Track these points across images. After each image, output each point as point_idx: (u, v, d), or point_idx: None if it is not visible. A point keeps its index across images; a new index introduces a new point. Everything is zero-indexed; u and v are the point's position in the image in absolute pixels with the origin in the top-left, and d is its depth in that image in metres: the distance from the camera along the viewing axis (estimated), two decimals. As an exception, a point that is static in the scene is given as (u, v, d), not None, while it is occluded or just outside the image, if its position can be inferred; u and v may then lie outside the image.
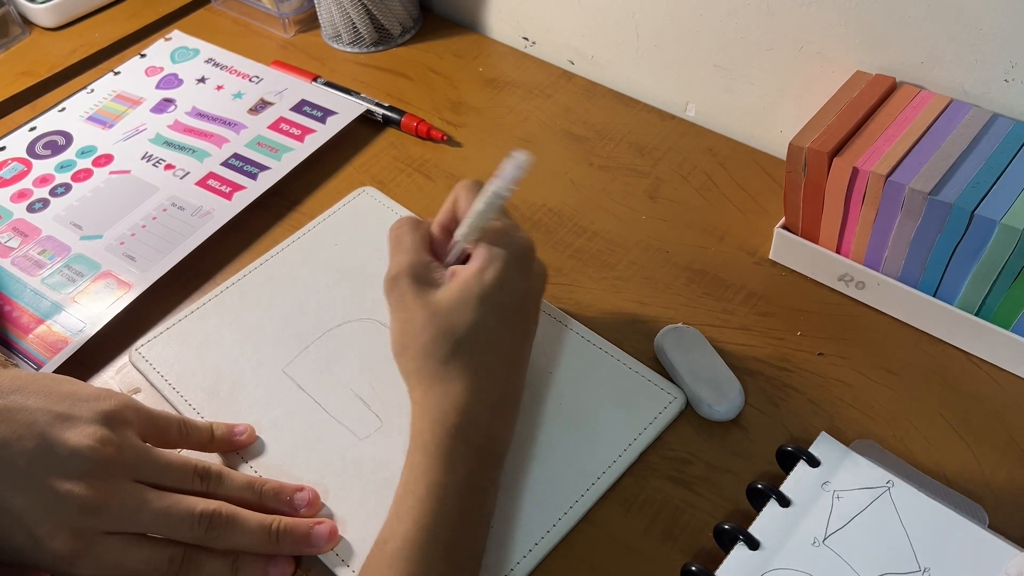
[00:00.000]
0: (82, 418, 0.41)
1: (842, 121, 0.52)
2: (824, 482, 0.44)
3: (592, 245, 0.60)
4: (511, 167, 0.43)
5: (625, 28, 0.69)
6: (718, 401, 0.48)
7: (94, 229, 0.61)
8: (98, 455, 0.40)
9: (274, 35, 0.81)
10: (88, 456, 0.39)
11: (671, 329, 0.52)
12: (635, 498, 0.46)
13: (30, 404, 0.40)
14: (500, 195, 0.44)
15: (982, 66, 0.52)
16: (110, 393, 0.43)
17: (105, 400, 0.43)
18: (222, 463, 0.48)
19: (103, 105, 0.72)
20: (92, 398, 0.42)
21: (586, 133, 0.69)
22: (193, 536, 0.41)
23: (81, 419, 0.41)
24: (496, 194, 0.44)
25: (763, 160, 0.65)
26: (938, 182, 0.48)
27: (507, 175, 0.43)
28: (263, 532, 0.42)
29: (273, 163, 0.65)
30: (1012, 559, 0.40)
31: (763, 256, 0.58)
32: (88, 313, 0.55)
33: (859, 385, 0.51)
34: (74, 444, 0.39)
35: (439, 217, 0.48)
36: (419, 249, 0.46)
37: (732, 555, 0.42)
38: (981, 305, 0.50)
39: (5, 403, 0.40)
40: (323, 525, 0.44)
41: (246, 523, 0.42)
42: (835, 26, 0.57)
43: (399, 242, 0.47)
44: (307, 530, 0.44)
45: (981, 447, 0.47)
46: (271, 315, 0.55)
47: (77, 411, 0.41)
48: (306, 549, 0.43)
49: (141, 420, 0.44)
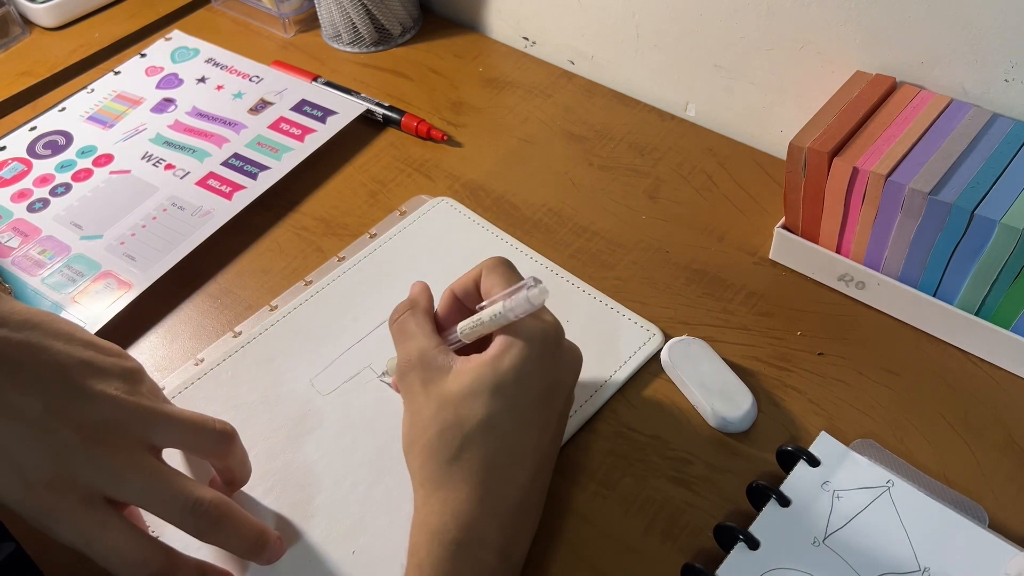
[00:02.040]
0: (108, 370, 0.39)
1: (842, 121, 0.52)
2: (824, 482, 0.44)
3: (592, 245, 0.60)
4: (523, 300, 0.40)
5: (625, 28, 0.69)
6: (732, 412, 0.48)
7: (94, 229, 0.61)
8: (121, 409, 0.38)
9: (274, 35, 0.81)
10: (110, 409, 0.38)
11: (677, 342, 0.52)
12: (635, 498, 0.46)
13: (53, 345, 0.38)
14: (507, 317, 0.41)
15: (982, 66, 0.52)
16: (127, 352, 0.42)
17: (127, 358, 0.41)
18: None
19: (103, 105, 0.73)
20: (115, 353, 0.41)
21: (586, 133, 0.69)
22: (181, 521, 0.39)
23: (107, 371, 0.39)
24: (503, 315, 0.41)
25: (763, 160, 0.65)
26: (938, 182, 0.48)
27: (516, 305, 0.40)
28: (252, 538, 0.41)
29: (273, 163, 0.65)
30: (1012, 559, 0.40)
31: (763, 256, 0.58)
32: (88, 313, 0.55)
33: (859, 385, 0.51)
34: (98, 393, 0.38)
35: (456, 285, 0.45)
36: (427, 333, 0.43)
37: (732, 555, 0.42)
38: (981, 305, 0.50)
39: (23, 339, 0.38)
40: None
41: (238, 525, 0.40)
42: (835, 26, 0.57)
43: (403, 331, 0.44)
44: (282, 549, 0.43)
45: (981, 447, 0.47)
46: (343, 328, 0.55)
47: (101, 362, 0.39)
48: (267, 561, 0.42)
49: (151, 386, 0.43)
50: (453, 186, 0.65)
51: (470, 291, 0.44)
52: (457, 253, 0.59)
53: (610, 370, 0.51)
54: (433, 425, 0.39)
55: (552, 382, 0.42)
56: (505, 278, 0.43)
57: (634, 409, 0.50)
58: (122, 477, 0.38)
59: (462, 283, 0.45)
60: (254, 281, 0.59)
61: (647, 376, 0.52)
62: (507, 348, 0.40)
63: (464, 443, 0.38)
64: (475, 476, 0.38)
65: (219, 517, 0.39)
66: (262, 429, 0.50)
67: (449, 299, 0.45)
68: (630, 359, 0.52)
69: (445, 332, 0.45)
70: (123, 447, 0.38)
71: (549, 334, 0.41)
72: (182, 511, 0.38)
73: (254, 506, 0.46)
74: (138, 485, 0.38)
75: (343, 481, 0.47)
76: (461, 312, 0.45)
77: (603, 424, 0.50)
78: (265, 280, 0.59)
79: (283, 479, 0.47)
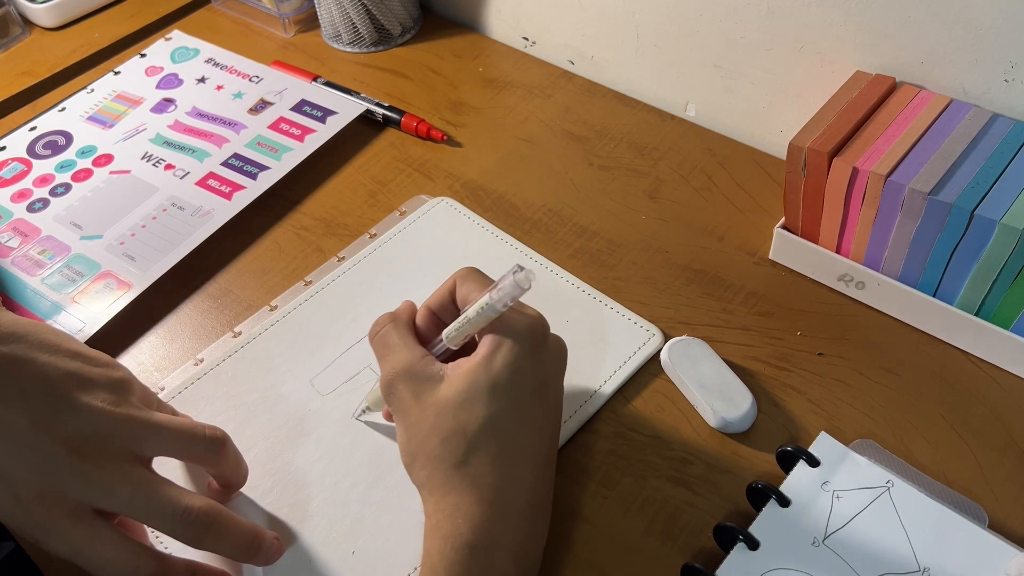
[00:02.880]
0: (95, 381, 0.39)
1: (842, 121, 0.52)
2: (824, 482, 0.44)
3: (592, 245, 0.60)
4: (510, 285, 0.39)
5: (625, 28, 0.69)
6: (731, 412, 0.48)
7: (94, 229, 0.61)
8: (108, 421, 0.38)
9: (274, 35, 0.81)
10: (97, 421, 0.38)
11: (677, 342, 0.52)
12: (635, 498, 0.46)
13: (39, 358, 0.38)
14: (495, 308, 0.40)
15: (982, 66, 0.52)
16: (116, 361, 0.42)
17: (116, 368, 0.41)
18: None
19: (103, 105, 0.73)
20: (103, 363, 0.41)
21: (586, 133, 0.69)
22: (171, 530, 0.39)
23: (94, 382, 0.39)
24: (491, 307, 0.40)
25: (763, 160, 0.65)
26: (938, 182, 0.48)
27: (506, 291, 0.39)
28: (246, 542, 0.40)
29: (273, 163, 0.65)
30: (1012, 559, 0.40)
31: (763, 256, 0.58)
32: (88, 313, 0.55)
33: (859, 385, 0.51)
34: (85, 405, 0.38)
35: (431, 300, 0.44)
36: (410, 345, 0.42)
37: (732, 555, 0.42)
38: (981, 305, 0.50)
39: (8, 351, 0.37)
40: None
41: (230, 530, 0.40)
42: (835, 26, 0.57)
43: (385, 344, 0.43)
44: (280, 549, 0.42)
45: (981, 447, 0.47)
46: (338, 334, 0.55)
47: (88, 373, 0.39)
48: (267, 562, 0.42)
49: (141, 391, 0.43)
50: (453, 186, 0.65)
51: (446, 303, 0.44)
52: (457, 253, 0.59)
53: (609, 370, 0.51)
54: (434, 435, 0.39)
55: (544, 376, 0.41)
56: (480, 283, 0.42)
57: (634, 409, 0.50)
58: (110, 489, 0.38)
59: (437, 297, 0.44)
60: (254, 281, 0.59)
61: (647, 376, 0.52)
62: (497, 347, 0.40)
63: (470, 448, 0.38)
64: (484, 479, 0.38)
65: (209, 524, 0.39)
66: (262, 429, 0.50)
67: (426, 314, 0.45)
68: (630, 359, 0.52)
69: (428, 344, 0.44)
70: (110, 459, 0.38)
71: (536, 327, 0.41)
72: (172, 520, 0.38)
73: (252, 507, 0.46)
74: (126, 497, 0.38)
75: (343, 481, 0.47)
76: (439, 327, 0.44)
77: (603, 424, 0.50)
78: (265, 280, 0.59)
79: (283, 479, 0.47)
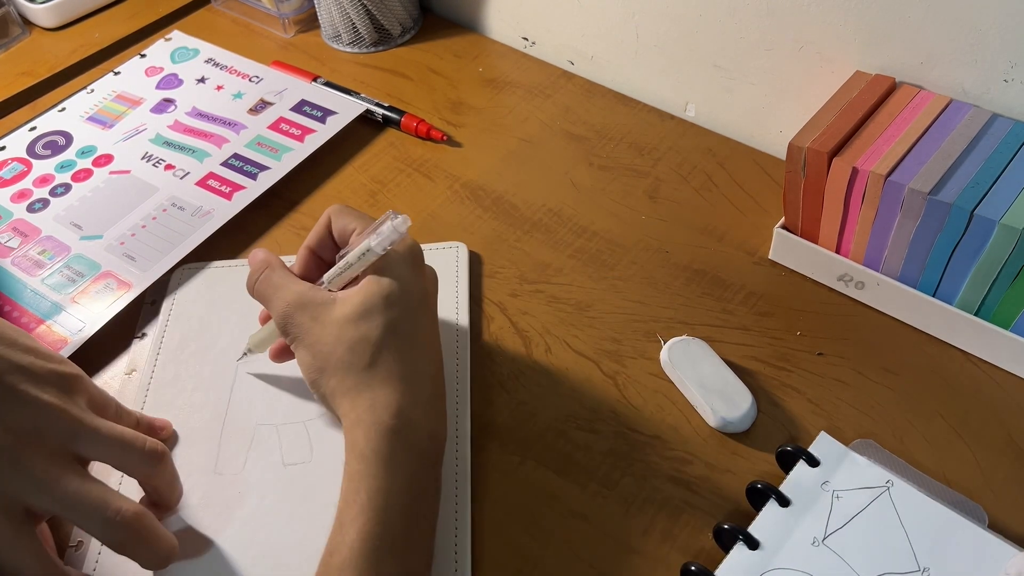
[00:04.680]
0: (42, 376, 0.40)
1: (842, 121, 0.52)
2: (824, 482, 0.44)
3: (592, 245, 0.60)
4: (389, 229, 0.43)
5: (625, 28, 0.69)
6: (731, 412, 0.48)
7: (94, 229, 0.61)
8: (48, 415, 0.39)
9: (274, 35, 0.81)
10: (38, 415, 0.39)
11: (677, 342, 0.52)
12: (635, 498, 0.46)
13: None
14: (375, 253, 0.43)
15: (982, 66, 0.52)
16: (69, 361, 0.43)
17: (65, 364, 0.42)
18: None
19: (103, 105, 0.73)
20: (54, 360, 0.42)
21: (586, 133, 0.69)
22: (99, 531, 0.39)
23: (41, 376, 0.40)
24: (372, 252, 0.43)
25: (763, 160, 0.65)
26: (938, 182, 0.48)
27: (385, 235, 0.43)
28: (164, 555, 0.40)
29: (273, 163, 0.65)
30: (1012, 559, 0.40)
31: (763, 256, 0.58)
32: (88, 313, 0.55)
33: (859, 385, 0.51)
34: (31, 398, 0.39)
35: (309, 239, 0.47)
36: (295, 280, 0.45)
37: (732, 555, 0.42)
38: (980, 305, 0.50)
39: None
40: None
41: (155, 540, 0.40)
42: (835, 26, 0.57)
43: (270, 285, 0.45)
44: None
45: (981, 447, 0.47)
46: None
47: (39, 368, 0.40)
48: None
49: (90, 393, 0.43)
50: (453, 186, 0.65)
51: (324, 239, 0.47)
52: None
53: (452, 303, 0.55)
54: (340, 345, 0.42)
55: (424, 290, 0.45)
56: (356, 217, 0.46)
57: (634, 409, 0.50)
58: (43, 484, 0.38)
59: (314, 235, 0.47)
60: (254, 281, 0.59)
61: (647, 376, 0.52)
62: (384, 266, 0.43)
63: (375, 351, 0.41)
64: (394, 375, 0.41)
65: (137, 530, 0.39)
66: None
67: (305, 255, 0.48)
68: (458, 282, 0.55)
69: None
70: (46, 455, 0.39)
71: (415, 249, 0.45)
72: (101, 522, 0.39)
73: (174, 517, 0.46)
74: (58, 494, 0.38)
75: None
76: (319, 266, 0.47)
77: (603, 424, 0.50)
78: (265, 280, 0.59)
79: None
